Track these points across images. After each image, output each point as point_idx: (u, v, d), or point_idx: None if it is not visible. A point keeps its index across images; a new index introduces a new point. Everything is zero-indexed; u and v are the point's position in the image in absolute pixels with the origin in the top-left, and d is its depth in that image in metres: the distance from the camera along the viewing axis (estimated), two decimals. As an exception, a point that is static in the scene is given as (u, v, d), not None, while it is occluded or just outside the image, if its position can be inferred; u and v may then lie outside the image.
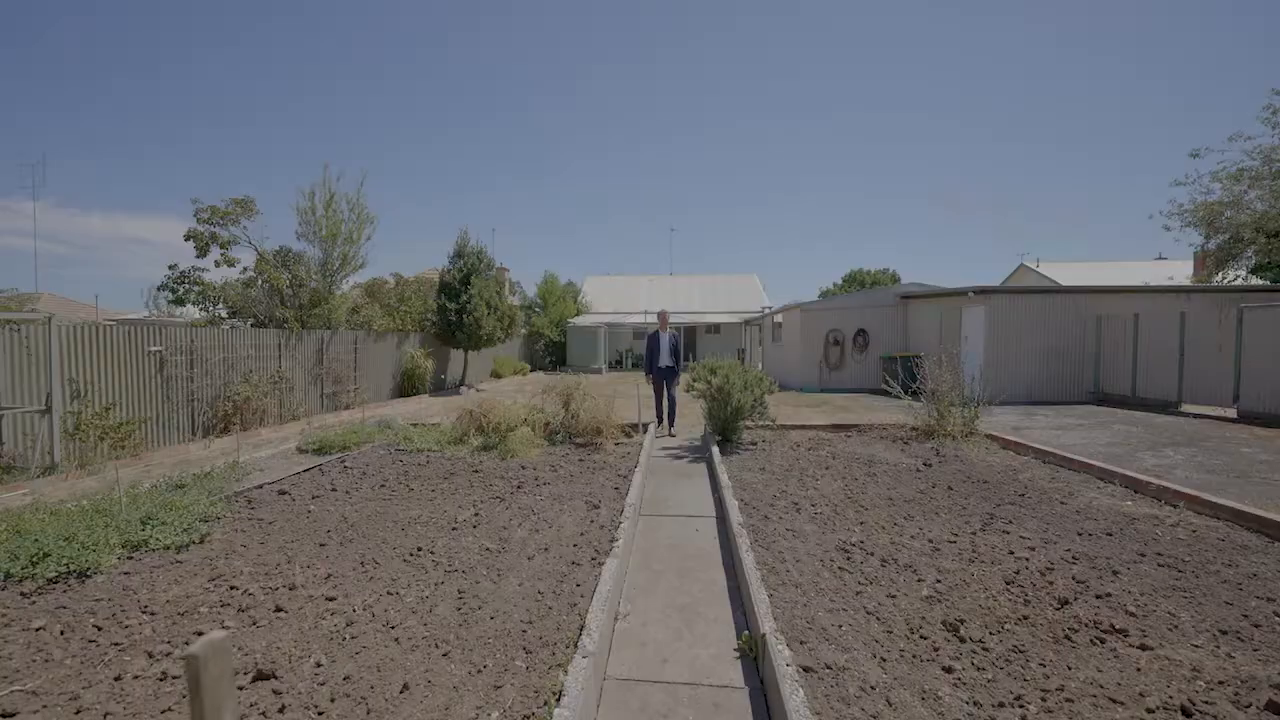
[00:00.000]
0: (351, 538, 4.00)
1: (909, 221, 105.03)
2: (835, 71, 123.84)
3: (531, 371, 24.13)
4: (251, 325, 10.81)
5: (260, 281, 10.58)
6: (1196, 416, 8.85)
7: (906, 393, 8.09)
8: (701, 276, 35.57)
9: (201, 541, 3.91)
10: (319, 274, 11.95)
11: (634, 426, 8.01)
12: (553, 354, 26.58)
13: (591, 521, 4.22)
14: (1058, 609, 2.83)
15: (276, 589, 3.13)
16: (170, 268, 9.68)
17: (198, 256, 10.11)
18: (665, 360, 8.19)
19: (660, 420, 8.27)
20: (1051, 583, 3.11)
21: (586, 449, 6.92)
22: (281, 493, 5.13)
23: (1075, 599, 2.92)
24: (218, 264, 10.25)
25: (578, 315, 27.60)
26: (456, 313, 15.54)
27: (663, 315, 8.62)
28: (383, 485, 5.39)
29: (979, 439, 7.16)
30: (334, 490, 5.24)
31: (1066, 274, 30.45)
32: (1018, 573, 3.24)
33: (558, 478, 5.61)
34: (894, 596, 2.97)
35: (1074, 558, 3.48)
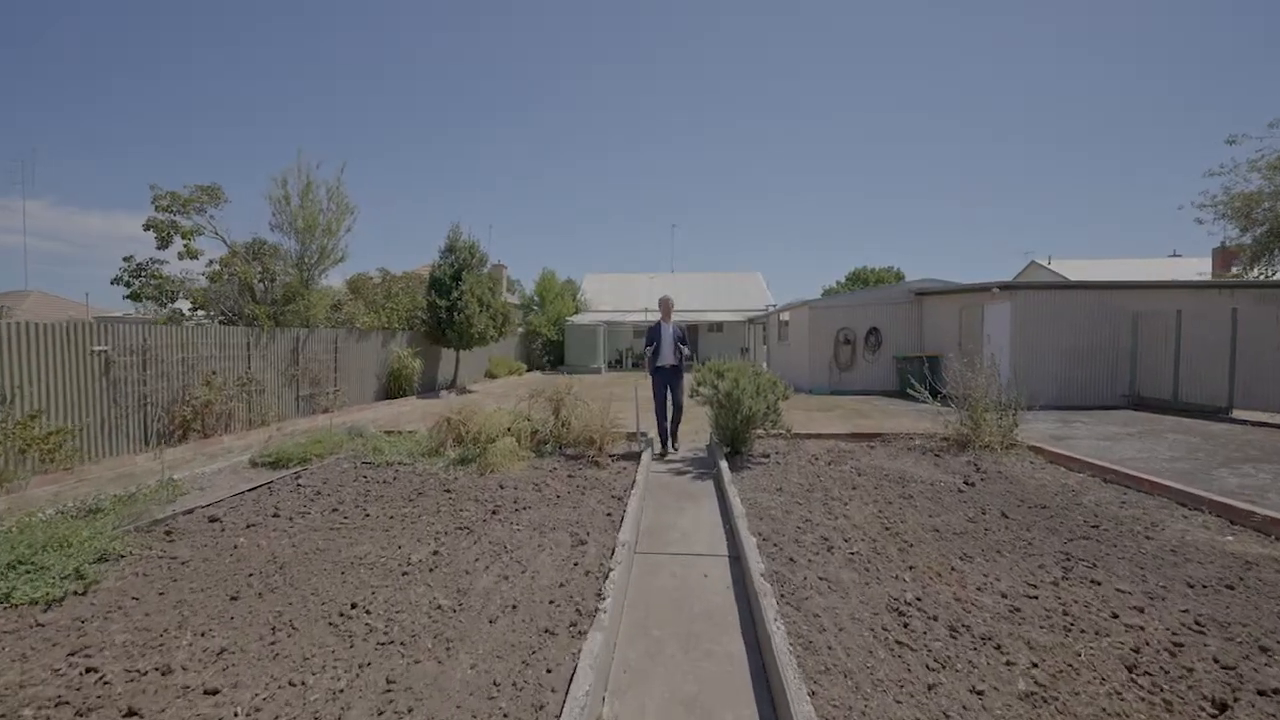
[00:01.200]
0: (275, 586, 3.20)
1: (910, 221, 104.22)
2: (835, 71, 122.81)
3: (528, 371, 23.33)
4: (220, 323, 10.01)
5: (226, 275, 9.78)
6: (1255, 424, 8.01)
7: (935, 397, 7.27)
8: (704, 274, 34.73)
9: (85, 592, 3.12)
10: (295, 267, 11.15)
11: (632, 435, 7.20)
12: (550, 353, 25.75)
13: (575, 564, 3.41)
14: (1216, 718, 2.02)
15: (145, 674, 2.33)
16: (125, 260, 8.89)
17: (158, 248, 9.28)
18: (668, 358, 6.68)
19: (663, 437, 6.85)
20: (1190, 669, 2.30)
21: (578, 462, 6.12)
22: (212, 520, 4.34)
23: (1234, 699, 2.11)
24: (181, 256, 9.47)
25: (576, 313, 26.77)
26: (447, 310, 14.74)
27: (665, 303, 6.98)
28: (335, 509, 4.59)
29: (1021, 451, 6.35)
30: (276, 516, 4.45)
31: (1079, 271, 29.61)
32: (1137, 651, 2.43)
33: (541, 499, 4.81)
34: (981, 693, 2.16)
35: (1199, 624, 2.68)
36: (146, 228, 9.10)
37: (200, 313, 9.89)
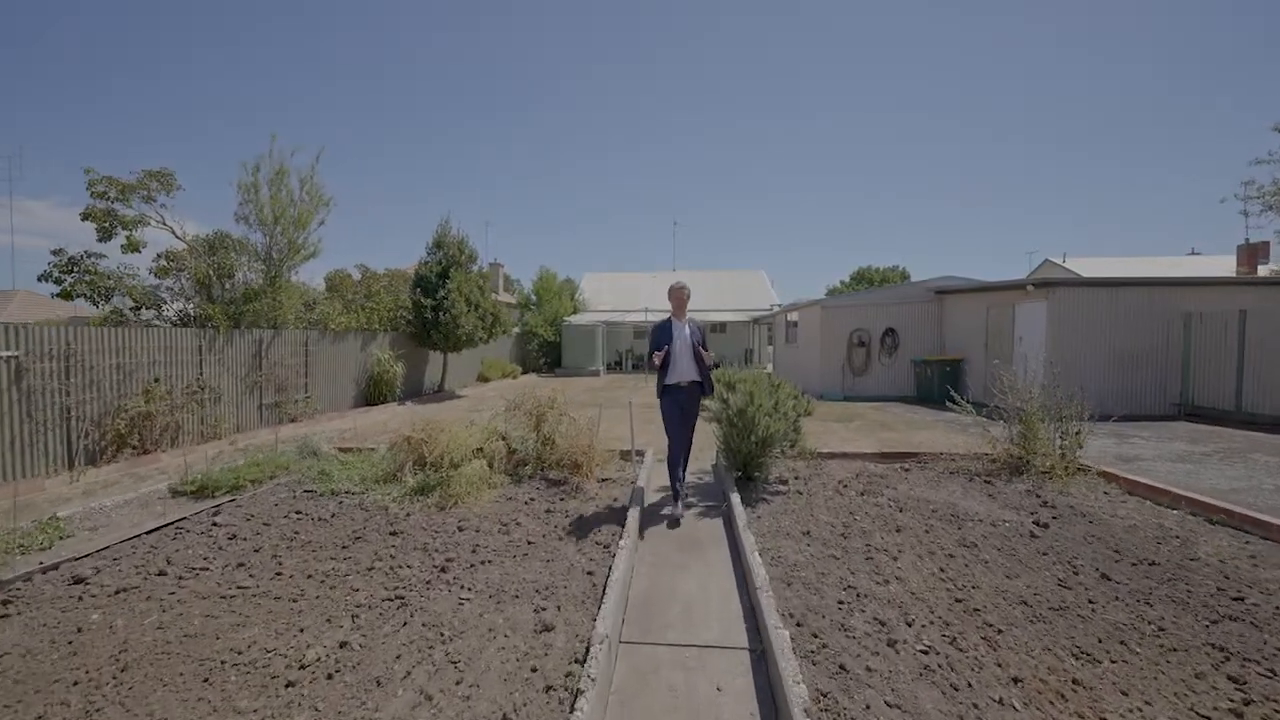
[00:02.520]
0: (98, 708, 2.22)
1: (911, 221, 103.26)
2: (835, 71, 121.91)
3: (524, 374, 22.33)
4: (172, 324, 9.04)
5: (175, 270, 8.80)
6: (1343, 441, 6.98)
7: (978, 410, 6.24)
8: (706, 272, 33.62)
9: None
10: (262, 263, 10.17)
11: (626, 454, 6.21)
12: (547, 354, 24.70)
13: (534, 670, 2.41)
14: None
15: None
16: (54, 253, 7.88)
17: (99, 240, 8.32)
18: (686, 372, 4.59)
19: (676, 495, 4.63)
20: None
21: (560, 490, 5.13)
22: (76, 581, 3.35)
23: None
24: (124, 249, 8.50)
25: (574, 313, 25.73)
26: (432, 310, 13.75)
27: (678, 292, 4.74)
28: (242, 564, 3.60)
29: (1091, 478, 5.33)
30: (162, 574, 3.46)
31: (1096, 270, 28.46)
32: None
33: (508, 547, 3.82)
34: None
35: None
36: (85, 218, 8.13)
37: (150, 313, 8.91)
